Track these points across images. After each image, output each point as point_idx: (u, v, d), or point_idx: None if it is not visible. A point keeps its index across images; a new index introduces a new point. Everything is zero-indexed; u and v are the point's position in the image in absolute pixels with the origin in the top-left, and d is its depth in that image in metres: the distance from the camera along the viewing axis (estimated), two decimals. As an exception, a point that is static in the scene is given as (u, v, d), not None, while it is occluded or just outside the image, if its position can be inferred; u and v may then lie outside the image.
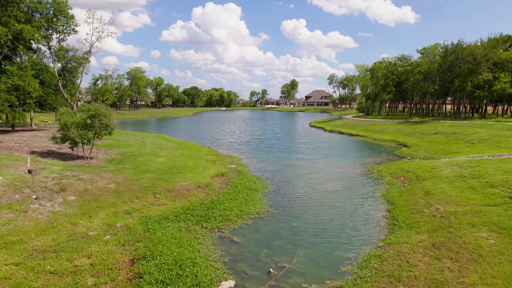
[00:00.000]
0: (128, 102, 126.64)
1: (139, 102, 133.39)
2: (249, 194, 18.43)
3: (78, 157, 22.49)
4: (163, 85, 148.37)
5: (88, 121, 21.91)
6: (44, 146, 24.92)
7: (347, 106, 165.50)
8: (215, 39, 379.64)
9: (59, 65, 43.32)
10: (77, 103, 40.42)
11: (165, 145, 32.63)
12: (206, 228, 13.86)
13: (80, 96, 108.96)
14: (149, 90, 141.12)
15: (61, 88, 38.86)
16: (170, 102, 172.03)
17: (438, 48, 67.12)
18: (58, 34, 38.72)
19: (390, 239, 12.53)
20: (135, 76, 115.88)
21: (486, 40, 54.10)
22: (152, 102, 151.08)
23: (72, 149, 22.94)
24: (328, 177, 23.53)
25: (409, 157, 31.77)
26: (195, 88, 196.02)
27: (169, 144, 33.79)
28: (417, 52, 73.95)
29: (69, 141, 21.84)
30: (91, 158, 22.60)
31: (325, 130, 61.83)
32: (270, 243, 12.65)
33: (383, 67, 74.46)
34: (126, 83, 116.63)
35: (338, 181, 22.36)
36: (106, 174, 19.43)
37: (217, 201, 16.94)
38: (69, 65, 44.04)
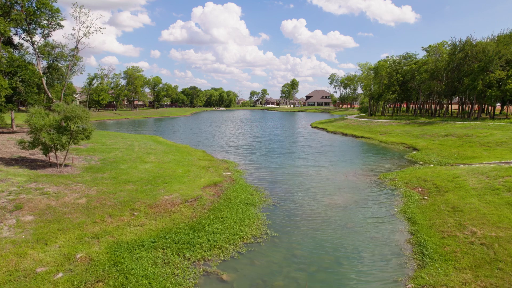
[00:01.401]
0: (125, 102, 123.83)
1: (136, 102, 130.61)
2: (245, 211, 15.69)
3: (51, 165, 19.74)
4: (161, 85, 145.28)
5: (63, 123, 19.19)
6: (15, 152, 22.19)
7: (348, 106, 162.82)
8: (215, 39, 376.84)
9: (45, 62, 40.57)
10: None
11: (154, 149, 29.88)
12: (189, 259, 11.13)
13: (75, 96, 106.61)
14: (147, 90, 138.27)
15: (45, 86, 36.12)
16: (169, 102, 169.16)
17: (445, 46, 64.35)
18: (42, 29, 35.92)
19: (422, 277, 9.79)
20: (132, 76, 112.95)
21: (496, 37, 51.47)
22: (150, 102, 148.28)
23: (46, 155, 20.20)
24: (335, 188, 20.78)
25: (421, 162, 29.06)
26: (194, 88, 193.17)
27: (159, 147, 31.06)
28: (423, 50, 71.05)
29: (40, 147, 19.13)
30: (65, 165, 19.85)
31: (328, 132, 59.08)
32: (268, 283, 9.91)
33: (387, 65, 71.60)
34: (123, 82, 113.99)
35: (347, 193, 19.61)
36: (78, 185, 16.70)
37: (206, 220, 14.21)
38: (56, 62, 41.19)
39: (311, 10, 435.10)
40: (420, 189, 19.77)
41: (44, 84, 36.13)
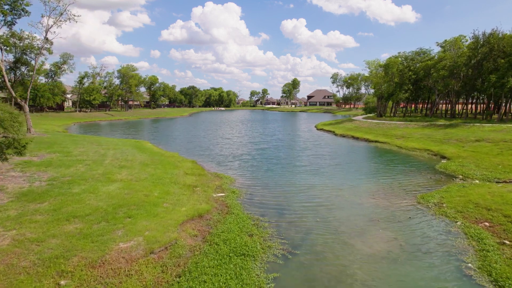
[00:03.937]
0: (120, 102, 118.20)
1: (131, 102, 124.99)
2: (240, 272, 10.03)
3: (-33, 191, 14.15)
4: (157, 84, 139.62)
5: (-16, 132, 13.62)
6: None
7: (351, 106, 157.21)
8: (215, 39, 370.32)
9: (11, 56, 34.98)
10: (27, 103, 31.93)
11: (132, 160, 24.23)
12: None
13: (66, 95, 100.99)
14: (143, 90, 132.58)
15: (7, 83, 30.48)
16: (167, 102, 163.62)
17: (463, 40, 58.67)
18: (3, 16, 30.32)
19: None
20: (126, 74, 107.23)
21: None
22: (146, 102, 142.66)
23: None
24: (365, 219, 15.12)
25: (460, 176, 23.42)
26: (193, 87, 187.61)
27: (139, 157, 25.41)
28: (437, 45, 65.27)
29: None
30: (-11, 191, 14.26)
31: (336, 135, 53.42)
32: None
33: (399, 62, 65.82)
34: (117, 81, 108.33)
35: (385, 230, 13.95)
36: (-12, 228, 11.08)
37: (173, 299, 8.58)
38: (25, 56, 35.58)
39: (311, 10, 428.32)
40: (487, 224, 14.10)
41: (6, 80, 30.50)
